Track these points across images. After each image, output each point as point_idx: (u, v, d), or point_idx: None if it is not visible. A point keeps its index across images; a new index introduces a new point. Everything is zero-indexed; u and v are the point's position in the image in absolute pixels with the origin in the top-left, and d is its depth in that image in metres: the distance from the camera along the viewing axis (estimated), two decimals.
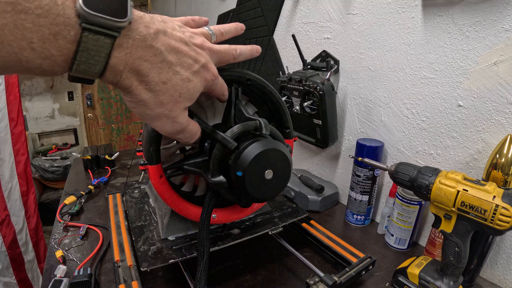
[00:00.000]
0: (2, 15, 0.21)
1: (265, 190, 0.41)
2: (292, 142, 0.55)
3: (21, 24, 0.22)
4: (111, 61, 0.27)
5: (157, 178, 0.46)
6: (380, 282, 0.58)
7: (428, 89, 0.63)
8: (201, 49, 0.34)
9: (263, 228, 0.58)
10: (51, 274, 0.56)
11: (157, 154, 0.44)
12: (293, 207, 0.66)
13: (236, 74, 0.44)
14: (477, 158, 0.57)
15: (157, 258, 0.49)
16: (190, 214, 0.50)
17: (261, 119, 0.42)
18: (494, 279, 0.58)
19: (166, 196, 0.48)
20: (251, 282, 0.57)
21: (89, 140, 3.21)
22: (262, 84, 0.48)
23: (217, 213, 0.52)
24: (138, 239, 0.54)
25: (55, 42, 0.24)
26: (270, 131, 0.43)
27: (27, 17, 0.22)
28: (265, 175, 0.40)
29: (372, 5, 0.71)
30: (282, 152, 0.41)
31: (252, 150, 0.38)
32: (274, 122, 0.55)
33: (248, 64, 1.24)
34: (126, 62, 0.28)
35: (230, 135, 0.40)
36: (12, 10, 0.21)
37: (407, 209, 0.64)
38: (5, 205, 1.51)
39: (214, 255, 0.63)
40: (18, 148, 1.62)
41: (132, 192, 0.76)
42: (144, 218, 0.62)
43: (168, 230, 0.54)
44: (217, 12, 1.43)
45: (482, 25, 0.53)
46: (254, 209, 0.57)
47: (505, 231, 0.42)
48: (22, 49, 0.23)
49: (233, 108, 0.45)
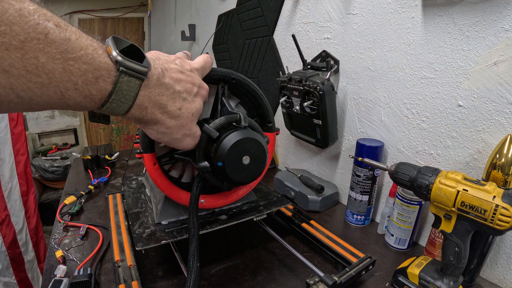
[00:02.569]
0: (53, 61, 0.25)
1: (244, 174, 0.46)
2: (274, 135, 0.61)
3: (69, 69, 0.26)
4: (138, 99, 0.33)
5: (151, 165, 0.51)
6: (380, 282, 0.58)
7: (428, 89, 0.63)
8: (191, 72, 0.40)
9: (249, 214, 0.61)
10: (51, 274, 0.57)
11: (151, 144, 0.49)
12: (278, 197, 0.69)
13: (222, 73, 0.50)
14: (477, 158, 0.57)
15: (151, 239, 0.52)
16: (180, 198, 0.55)
17: (240, 113, 0.47)
18: (494, 279, 0.58)
19: (159, 181, 0.52)
20: (251, 282, 0.57)
21: (89, 140, 3.21)
22: (245, 82, 0.53)
23: (205, 198, 0.57)
24: (134, 223, 0.58)
25: (96, 84, 0.29)
26: (249, 122, 0.48)
27: (75, 63, 0.26)
28: (243, 160, 0.45)
29: (372, 5, 0.71)
30: (258, 141, 0.46)
31: (231, 139, 0.44)
32: (258, 117, 0.60)
33: (248, 64, 1.24)
34: (149, 98, 0.34)
35: (213, 126, 0.44)
36: (62, 58, 0.25)
37: (407, 209, 0.64)
38: (5, 205, 1.51)
39: (214, 254, 0.63)
40: (18, 148, 1.62)
41: (130, 183, 0.79)
42: (140, 205, 0.66)
43: (161, 215, 0.58)
44: (217, 12, 1.43)
45: (482, 25, 0.53)
46: (239, 195, 0.61)
47: (505, 231, 0.42)
48: (67, 89, 0.27)
49: (219, 104, 0.51)
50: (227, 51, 1.39)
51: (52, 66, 0.25)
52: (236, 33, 1.29)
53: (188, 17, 1.84)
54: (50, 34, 0.24)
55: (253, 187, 0.63)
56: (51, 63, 0.25)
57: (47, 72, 0.25)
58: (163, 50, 2.50)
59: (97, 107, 0.31)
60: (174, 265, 0.58)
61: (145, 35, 3.27)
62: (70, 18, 2.92)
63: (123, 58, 0.29)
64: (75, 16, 2.95)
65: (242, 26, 1.24)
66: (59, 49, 0.25)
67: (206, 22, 1.60)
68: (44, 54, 0.24)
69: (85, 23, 3.01)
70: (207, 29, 1.59)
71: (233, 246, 0.67)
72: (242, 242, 0.68)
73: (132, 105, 0.32)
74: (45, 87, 0.25)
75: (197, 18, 1.71)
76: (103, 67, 0.28)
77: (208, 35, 1.59)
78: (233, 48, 1.34)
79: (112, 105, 0.31)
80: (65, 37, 0.25)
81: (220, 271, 0.59)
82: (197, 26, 1.73)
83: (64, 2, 2.86)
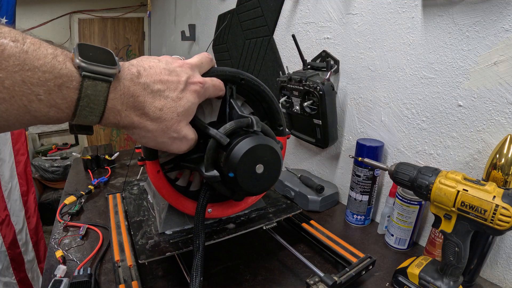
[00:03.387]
0: (12, 75, 0.25)
1: (257, 183, 0.42)
2: (285, 139, 0.57)
3: (28, 80, 0.26)
4: (109, 103, 0.31)
5: (154, 173, 0.47)
6: (380, 282, 0.58)
7: (428, 89, 0.63)
8: (180, 68, 0.37)
9: (258, 223, 0.58)
10: (51, 274, 0.56)
11: (154, 150, 0.46)
12: (287, 203, 0.66)
13: (230, 74, 0.46)
14: (477, 158, 0.57)
15: (155, 251, 0.50)
16: (186, 208, 0.52)
17: (253, 116, 0.43)
18: (494, 279, 0.58)
19: (163, 191, 0.49)
20: (251, 282, 0.57)
21: (89, 140, 3.21)
22: (255, 83, 0.50)
23: (212, 207, 0.54)
24: (137, 233, 0.55)
25: (59, 92, 0.28)
26: (262, 127, 0.44)
27: (33, 74, 0.26)
28: (256, 169, 0.41)
29: (372, 5, 0.71)
30: (272, 147, 0.42)
31: (243, 146, 0.40)
32: (268, 120, 0.56)
33: (248, 64, 1.24)
34: (122, 101, 0.32)
35: (223, 132, 0.41)
36: (20, 70, 0.25)
37: (407, 209, 0.64)
38: (5, 205, 1.51)
39: (214, 254, 0.63)
40: (18, 148, 1.62)
41: (132, 189, 0.76)
42: (142, 213, 0.63)
43: (165, 225, 0.55)
44: (217, 12, 1.43)
45: (482, 25, 0.53)
46: (248, 204, 0.58)
47: (505, 231, 0.42)
48: (30, 101, 0.27)
49: (228, 106, 0.47)
50: (227, 51, 1.39)
51: (11, 80, 0.25)
52: (236, 33, 1.29)
53: (188, 17, 1.84)
54: (6, 50, 0.25)
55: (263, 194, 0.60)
56: (10, 77, 0.25)
57: (7, 86, 0.25)
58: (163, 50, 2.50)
59: (69, 117, 0.30)
60: (174, 265, 0.57)
61: (145, 35, 3.27)
62: (70, 18, 2.92)
63: (86, 63, 0.29)
64: (75, 16, 2.95)
65: (242, 26, 1.24)
66: (16, 62, 0.25)
67: (206, 22, 1.60)
68: (2, 69, 0.25)
69: (85, 23, 3.01)
70: (207, 29, 1.59)
71: (233, 246, 0.67)
72: (242, 242, 0.68)
73: (104, 110, 0.31)
74: (7, 101, 0.26)
75: (197, 18, 1.71)
76: (64, 74, 0.28)
77: (208, 35, 1.59)
78: (233, 48, 1.34)
79: (82, 113, 0.30)
80: (22, 49, 0.25)
81: (220, 271, 0.59)
82: (197, 26, 1.73)
83: (64, 2, 2.86)
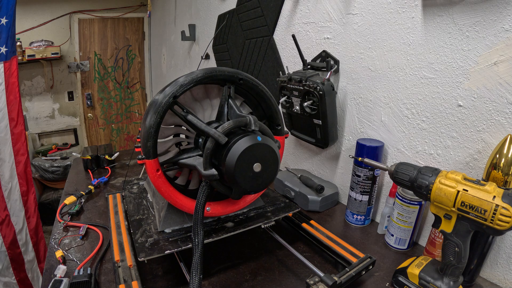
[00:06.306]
0: None
1: (255, 182, 0.43)
2: (283, 139, 0.57)
3: None
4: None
5: (154, 172, 0.48)
6: (380, 282, 0.58)
7: (428, 89, 0.63)
8: None
9: (256, 221, 0.59)
10: (51, 274, 0.56)
11: (154, 149, 0.46)
12: (286, 202, 0.67)
13: (229, 74, 0.47)
14: (477, 158, 0.57)
15: (154, 249, 0.50)
16: (185, 206, 0.52)
17: (251, 116, 0.44)
18: (494, 279, 0.58)
19: (162, 189, 0.50)
20: (251, 282, 0.57)
21: (89, 140, 3.21)
22: (253, 83, 0.50)
23: (211, 206, 0.54)
24: (136, 231, 0.56)
25: None
26: (260, 127, 0.45)
27: None
28: (254, 167, 0.42)
29: (372, 5, 0.71)
30: (270, 146, 0.43)
31: (241, 144, 0.40)
32: (267, 119, 0.57)
33: (248, 64, 1.24)
34: None
35: (222, 131, 0.42)
36: None
37: (407, 209, 0.64)
38: (5, 205, 1.51)
39: (214, 254, 0.63)
40: (18, 148, 1.62)
41: (131, 188, 0.77)
42: (142, 212, 0.63)
43: (164, 223, 0.55)
44: (217, 12, 1.43)
45: (482, 25, 0.53)
46: (247, 202, 0.59)
47: (505, 231, 0.42)
48: None
49: (226, 106, 0.48)
50: (227, 51, 1.39)
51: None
52: (236, 33, 1.29)
53: (188, 17, 1.83)
54: None
55: (261, 193, 0.60)
56: None
57: None
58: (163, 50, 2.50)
59: None
60: (174, 265, 0.57)
61: (145, 35, 3.27)
62: (70, 18, 2.91)
63: None
64: (75, 16, 2.95)
65: (242, 26, 1.24)
66: None
67: (206, 22, 1.60)
68: None
69: (85, 23, 3.01)
70: (207, 29, 1.59)
71: (233, 246, 0.67)
72: (242, 242, 0.68)
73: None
74: None
75: (197, 18, 1.71)
76: None
77: (208, 35, 1.58)
78: (233, 48, 1.34)
79: None
80: None
81: (220, 271, 0.59)
82: (197, 26, 1.73)
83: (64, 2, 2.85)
